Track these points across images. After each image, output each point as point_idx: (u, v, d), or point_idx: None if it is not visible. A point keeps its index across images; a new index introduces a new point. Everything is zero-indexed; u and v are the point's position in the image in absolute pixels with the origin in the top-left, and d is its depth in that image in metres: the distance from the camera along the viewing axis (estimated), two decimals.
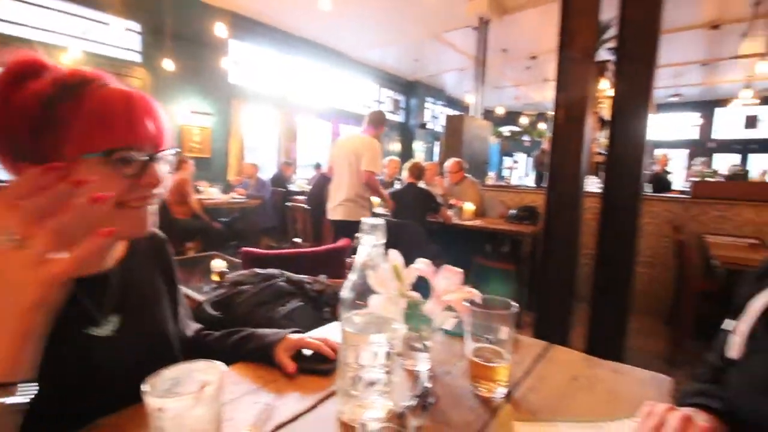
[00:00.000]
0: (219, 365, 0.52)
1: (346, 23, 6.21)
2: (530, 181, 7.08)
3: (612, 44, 1.92)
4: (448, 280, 0.69)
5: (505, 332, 0.66)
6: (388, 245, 0.71)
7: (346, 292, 0.57)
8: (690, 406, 0.50)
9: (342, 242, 1.96)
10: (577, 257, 2.00)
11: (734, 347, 0.52)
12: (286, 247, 4.45)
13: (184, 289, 1.99)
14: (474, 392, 0.64)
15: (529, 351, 0.80)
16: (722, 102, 9.38)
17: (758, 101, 7.56)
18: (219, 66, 5.62)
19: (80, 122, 0.49)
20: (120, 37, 4.99)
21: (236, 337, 0.75)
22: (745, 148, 9.91)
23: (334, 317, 1.14)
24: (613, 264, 1.87)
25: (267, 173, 6.02)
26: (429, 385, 0.64)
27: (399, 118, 9.74)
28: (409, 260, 0.75)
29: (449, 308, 0.71)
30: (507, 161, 11.97)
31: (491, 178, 6.54)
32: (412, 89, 9.77)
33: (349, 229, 2.78)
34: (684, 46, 6.51)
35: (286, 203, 4.08)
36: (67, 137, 0.49)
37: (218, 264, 2.44)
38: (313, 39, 7.04)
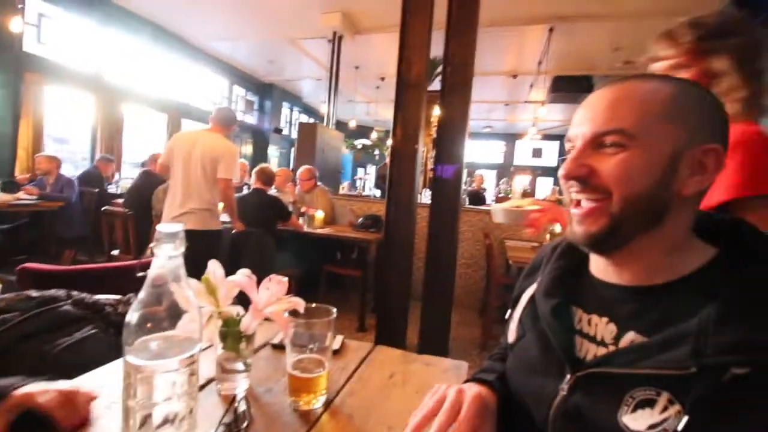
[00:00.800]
0: None
1: (185, 4, 5.56)
2: (380, 191, 7.60)
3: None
4: (269, 291, 0.66)
5: (327, 339, 0.66)
6: (233, 255, 0.64)
7: (131, 314, 0.48)
8: (471, 381, 0.60)
9: None
10: (411, 261, 2.22)
11: (510, 333, 0.62)
12: (101, 261, 3.65)
13: None
14: (293, 407, 0.63)
15: (355, 355, 0.83)
16: (519, 135, 12.01)
17: (540, 137, 9.94)
18: (7, 26, 4.28)
19: None
20: None
21: None
22: (534, 172, 12.90)
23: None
24: (439, 265, 2.14)
25: (80, 170, 4.87)
26: (243, 407, 0.59)
27: (252, 119, 9.21)
28: (257, 270, 0.70)
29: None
30: (360, 172, 12.62)
31: (345, 187, 6.77)
32: (267, 91, 9.38)
33: (203, 239, 2.45)
34: (493, 88, 8.12)
35: (102, 208, 3.35)
36: None
37: None
38: (144, 15, 6.05)
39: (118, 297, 1.04)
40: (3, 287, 1.82)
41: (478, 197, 6.65)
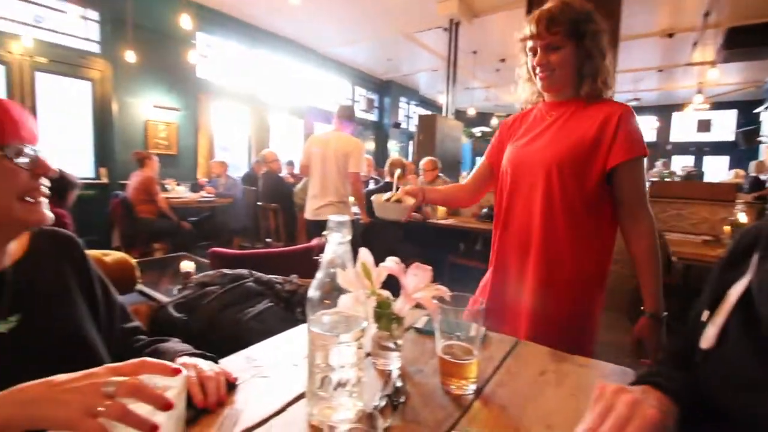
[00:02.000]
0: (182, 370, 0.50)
1: (315, 18, 6.12)
2: None
3: None
4: (417, 277, 0.69)
5: (474, 329, 0.66)
6: (364, 244, 0.70)
7: (312, 291, 0.56)
8: (644, 384, 0.49)
9: (315, 241, 1.93)
10: None
11: (706, 338, 0.51)
12: (259, 247, 4.36)
13: (150, 291, 1.90)
14: (445, 390, 0.65)
15: (499, 347, 0.82)
16: (678, 107, 9.96)
17: (708, 106, 8.07)
18: (185, 59, 5.40)
19: None
20: (77, 25, 4.72)
21: (148, 350, 0.71)
22: (699, 150, 10.57)
23: (306, 317, 1.12)
24: None
25: (239, 172, 5.87)
26: (400, 384, 0.64)
27: (373, 117, 9.73)
28: (384, 259, 0.75)
29: (419, 306, 0.71)
30: (480, 161, 12.22)
31: (464, 177, 6.65)
32: (385, 88, 9.78)
33: None
34: (641, 53, 6.86)
35: (258, 203, 3.98)
36: None
37: (187, 265, 2.37)
38: (282, 34, 6.91)
39: (282, 277, 1.22)
40: (196, 266, 2.30)
41: None
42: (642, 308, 1.00)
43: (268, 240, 3.85)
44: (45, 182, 0.61)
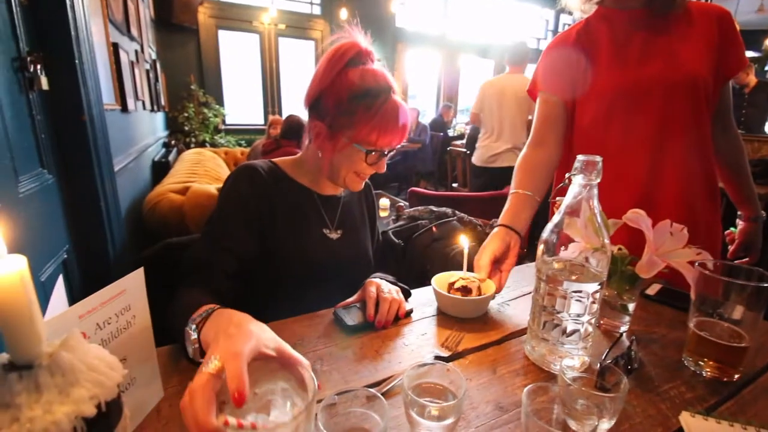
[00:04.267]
0: None
1: None
2: None
3: None
4: (673, 237, 0.58)
5: (742, 309, 0.53)
6: None
7: (547, 233, 0.53)
8: None
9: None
10: None
11: None
12: (441, 191, 4.55)
13: None
14: (694, 369, 0.55)
15: None
16: None
17: None
18: (387, 10, 5.69)
19: (367, 124, 0.70)
20: None
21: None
22: None
23: None
24: None
25: (427, 118, 6.09)
26: (633, 348, 0.57)
27: None
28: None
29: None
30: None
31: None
32: None
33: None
34: None
35: (446, 148, 4.07)
36: (353, 127, 0.70)
37: (384, 202, 2.68)
38: None
39: (482, 219, 1.24)
40: (390, 203, 2.55)
41: None
42: (739, 214, 0.99)
43: (454, 185, 3.95)
44: (372, 172, 0.78)
